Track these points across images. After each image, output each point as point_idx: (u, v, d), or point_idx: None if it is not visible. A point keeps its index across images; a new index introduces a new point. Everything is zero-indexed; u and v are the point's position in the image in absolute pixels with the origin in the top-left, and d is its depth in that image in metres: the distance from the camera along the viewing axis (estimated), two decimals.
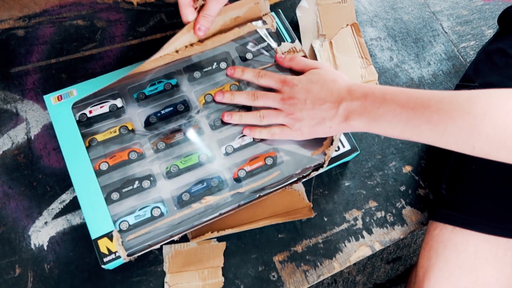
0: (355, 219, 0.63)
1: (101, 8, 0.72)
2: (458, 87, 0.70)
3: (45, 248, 0.58)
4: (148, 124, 0.60)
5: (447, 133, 0.45)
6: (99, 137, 0.58)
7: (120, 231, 0.54)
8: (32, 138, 0.63)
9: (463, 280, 0.55)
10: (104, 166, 0.57)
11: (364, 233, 0.62)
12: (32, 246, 0.58)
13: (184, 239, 0.58)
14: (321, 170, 0.59)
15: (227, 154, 0.59)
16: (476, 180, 0.59)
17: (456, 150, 0.46)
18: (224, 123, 0.60)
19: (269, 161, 0.59)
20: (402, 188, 0.65)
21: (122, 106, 0.60)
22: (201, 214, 0.55)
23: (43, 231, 0.59)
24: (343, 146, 0.61)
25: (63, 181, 0.61)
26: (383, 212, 0.63)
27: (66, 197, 0.60)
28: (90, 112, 0.59)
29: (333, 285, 1.08)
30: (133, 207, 0.55)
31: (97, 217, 0.53)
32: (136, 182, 0.56)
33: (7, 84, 0.66)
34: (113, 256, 0.52)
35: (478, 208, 0.57)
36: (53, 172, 0.61)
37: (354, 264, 0.61)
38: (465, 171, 0.60)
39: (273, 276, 0.59)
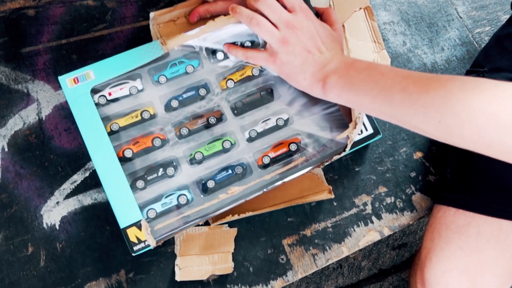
0: (365, 204, 0.63)
1: None
2: (468, 73, 0.69)
3: (57, 227, 0.59)
4: (169, 107, 0.59)
5: (418, 103, 0.43)
6: (121, 122, 0.57)
7: (148, 219, 0.54)
8: (44, 118, 0.63)
9: (464, 260, 0.55)
10: (128, 153, 0.56)
11: (374, 218, 0.62)
12: (44, 225, 0.59)
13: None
14: (343, 153, 0.58)
15: (250, 139, 0.59)
16: (480, 164, 0.59)
17: (420, 125, 0.45)
18: (246, 108, 0.60)
19: (293, 147, 0.58)
20: (413, 174, 0.65)
21: (142, 88, 0.58)
22: (227, 203, 0.55)
23: (54, 211, 0.59)
24: (366, 130, 0.61)
25: (74, 162, 0.61)
26: (392, 198, 0.63)
27: (77, 178, 0.61)
28: (110, 94, 0.57)
29: (339, 269, 1.09)
30: (159, 195, 0.55)
31: (125, 206, 0.53)
32: (161, 170, 0.56)
33: (18, 64, 0.66)
34: (142, 244, 0.52)
35: (481, 191, 0.57)
36: (64, 153, 0.62)
37: (360, 249, 0.61)
38: (470, 156, 0.60)
39: (282, 259, 0.60)
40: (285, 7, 0.55)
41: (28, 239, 0.58)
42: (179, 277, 0.56)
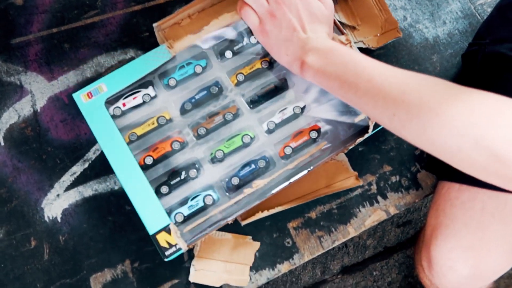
0: (370, 184, 0.62)
1: None
2: (470, 45, 0.68)
3: (59, 220, 0.58)
4: (184, 111, 0.58)
5: (379, 95, 0.45)
6: (138, 131, 0.57)
7: (176, 223, 0.53)
8: (38, 110, 0.62)
9: (470, 237, 0.55)
10: (149, 160, 0.55)
11: (379, 197, 0.61)
12: (46, 219, 0.58)
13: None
14: (366, 135, 0.57)
15: (269, 131, 0.58)
16: None
17: (378, 116, 0.47)
18: (262, 100, 0.59)
19: (314, 135, 0.57)
20: (417, 152, 0.64)
21: (155, 95, 0.58)
22: (254, 198, 0.55)
23: (55, 204, 0.58)
24: None
25: (73, 153, 0.60)
26: (397, 177, 0.63)
27: (76, 169, 0.60)
28: (124, 104, 0.57)
29: (344, 249, 1.09)
30: (185, 198, 0.55)
31: (152, 213, 0.52)
32: (183, 173, 0.55)
33: (9, 56, 0.64)
34: (174, 249, 0.51)
35: None
36: (62, 145, 0.61)
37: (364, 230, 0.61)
38: None
39: (288, 243, 0.59)
40: None
41: (30, 233, 0.57)
42: (193, 278, 0.55)
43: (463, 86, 0.43)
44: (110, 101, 0.57)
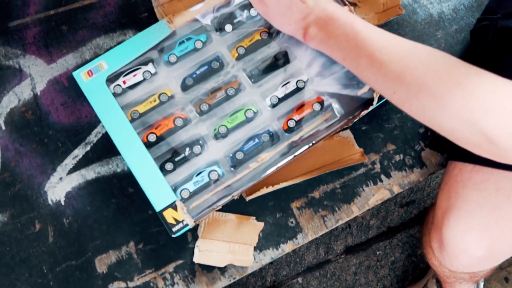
0: (373, 163, 0.61)
1: None
2: (479, 21, 0.66)
3: (63, 203, 0.58)
4: (185, 87, 0.57)
5: (380, 72, 0.46)
6: (140, 109, 0.56)
7: (182, 199, 0.53)
8: (38, 94, 0.61)
9: (484, 218, 0.54)
10: (152, 138, 0.55)
11: (383, 176, 0.61)
12: (50, 202, 0.58)
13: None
14: (371, 108, 0.57)
15: (272, 105, 0.57)
16: None
17: (379, 91, 0.48)
18: (263, 74, 0.58)
19: (317, 107, 0.57)
20: (421, 130, 0.63)
21: (156, 72, 0.57)
22: (258, 172, 0.54)
23: (58, 187, 0.58)
24: None
25: (74, 136, 0.60)
26: (401, 155, 0.62)
27: (78, 152, 0.60)
28: (124, 82, 0.57)
29: (348, 229, 1.09)
30: (190, 174, 0.54)
31: (157, 190, 0.52)
32: (187, 149, 0.55)
33: (6, 39, 0.63)
34: (180, 225, 0.52)
35: None
36: (63, 128, 0.60)
37: (368, 209, 0.61)
38: None
39: (291, 222, 0.59)
40: None
41: (34, 217, 0.58)
42: (197, 259, 0.56)
43: (463, 65, 0.43)
44: (110, 79, 0.56)
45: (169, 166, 0.54)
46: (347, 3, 0.59)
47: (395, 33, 0.66)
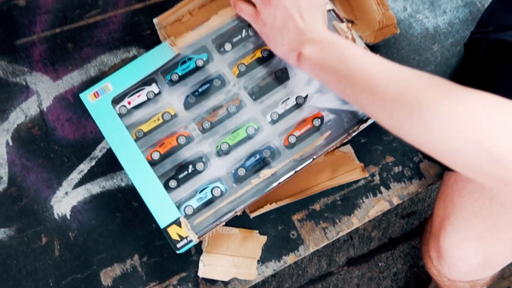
0: (373, 175, 0.62)
1: None
2: (473, 34, 0.68)
3: (68, 217, 0.59)
4: (188, 105, 0.59)
5: (378, 93, 0.44)
6: (144, 128, 0.58)
7: (186, 216, 0.54)
8: (45, 110, 0.63)
9: (480, 226, 0.55)
10: (156, 156, 0.56)
11: (382, 188, 0.62)
12: (56, 216, 0.59)
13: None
14: (369, 122, 0.58)
15: (273, 121, 0.58)
16: None
17: (376, 114, 0.46)
18: (264, 91, 0.59)
19: (317, 122, 0.58)
20: None
21: (159, 92, 0.59)
22: (261, 188, 0.55)
23: (64, 201, 0.60)
24: None
25: (80, 151, 0.61)
26: (400, 167, 0.63)
27: (83, 167, 0.61)
28: (129, 103, 0.58)
29: (349, 241, 1.10)
30: (193, 191, 0.56)
31: (162, 207, 0.53)
32: (190, 166, 0.56)
33: (14, 57, 0.65)
34: (185, 241, 0.53)
35: None
36: (69, 143, 0.62)
37: (370, 220, 0.62)
38: None
39: (293, 235, 0.60)
40: None
41: (41, 230, 0.59)
42: (202, 273, 0.56)
43: (465, 87, 0.41)
44: (115, 100, 0.58)
45: (173, 183, 0.56)
46: (344, 20, 0.60)
47: (392, 47, 0.68)
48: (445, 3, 0.71)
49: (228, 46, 0.61)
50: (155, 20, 0.62)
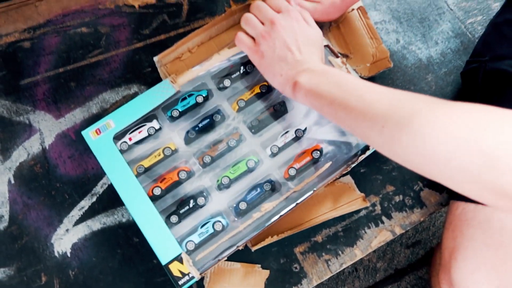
0: (374, 205, 0.62)
1: (104, 13, 0.72)
2: (468, 63, 0.69)
3: (69, 255, 0.59)
4: (188, 140, 0.60)
5: (369, 109, 0.44)
6: (145, 163, 0.58)
7: (188, 251, 0.54)
8: (47, 147, 0.64)
9: (491, 257, 0.54)
10: (157, 191, 0.57)
11: (384, 218, 0.62)
12: (56, 254, 0.59)
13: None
14: (368, 153, 0.59)
15: (273, 154, 0.59)
16: None
17: (367, 131, 0.45)
18: (263, 125, 0.60)
19: (316, 154, 0.59)
20: None
21: (160, 127, 0.60)
22: (262, 222, 0.55)
23: (65, 239, 0.59)
24: None
25: (81, 188, 0.62)
26: (401, 196, 0.63)
27: (84, 204, 0.61)
28: (130, 139, 0.59)
29: (354, 273, 1.08)
30: (195, 226, 0.56)
31: (163, 243, 0.53)
32: (191, 201, 0.56)
33: (18, 96, 0.67)
34: (187, 278, 0.52)
35: None
36: (70, 180, 0.62)
37: (374, 251, 0.61)
38: None
39: (296, 268, 0.59)
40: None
41: (40, 269, 0.58)
42: None
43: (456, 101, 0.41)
44: (117, 136, 0.59)
45: (174, 218, 0.55)
46: (339, 55, 0.62)
47: (387, 78, 0.70)
48: (437, 35, 0.73)
49: (227, 82, 0.62)
50: (155, 58, 0.64)
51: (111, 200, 0.61)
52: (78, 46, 0.70)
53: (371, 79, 0.68)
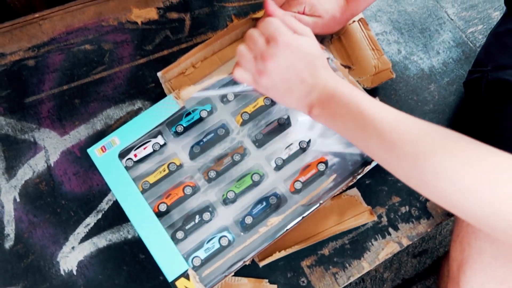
0: (380, 216, 0.62)
1: (107, 30, 0.72)
2: (471, 73, 0.69)
3: (75, 273, 0.58)
4: (193, 155, 0.60)
5: (393, 153, 0.44)
6: (151, 179, 0.58)
7: (194, 267, 0.54)
8: (52, 165, 0.64)
9: (501, 270, 0.53)
10: (163, 207, 0.57)
11: (390, 229, 0.61)
12: (62, 272, 0.58)
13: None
14: (374, 163, 0.58)
15: (278, 167, 0.59)
16: None
17: (393, 169, 0.46)
18: (267, 138, 0.60)
19: (322, 167, 0.58)
20: None
21: (165, 143, 0.60)
22: (269, 236, 0.55)
23: (71, 256, 0.59)
24: None
25: (86, 205, 0.62)
26: (407, 207, 0.63)
27: (90, 221, 0.61)
28: (135, 155, 0.59)
29: (361, 284, 1.07)
30: (201, 241, 0.55)
31: (170, 260, 0.53)
32: (197, 217, 0.56)
33: (22, 114, 0.67)
34: None
35: None
36: (76, 197, 0.62)
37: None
38: None
39: (303, 282, 0.59)
40: None
41: None
42: None
43: (469, 138, 0.42)
44: (122, 153, 0.59)
45: (180, 234, 0.55)
46: (342, 66, 0.62)
47: (390, 88, 0.70)
48: (438, 44, 0.74)
49: (231, 96, 0.62)
50: (159, 74, 0.64)
51: (116, 216, 0.61)
52: (82, 63, 0.70)
53: (374, 90, 0.68)
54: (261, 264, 0.57)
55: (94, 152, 0.58)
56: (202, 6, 0.75)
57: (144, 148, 0.59)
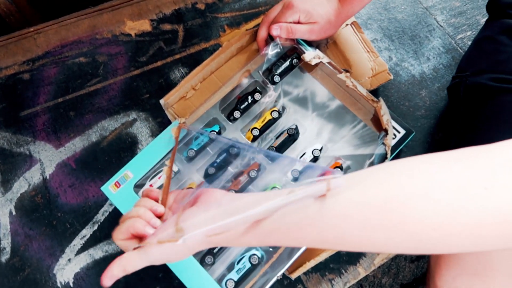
0: None
1: (101, 43, 0.73)
2: (453, 78, 0.71)
3: (71, 285, 0.58)
4: (209, 177, 0.58)
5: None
6: None
7: None
8: (48, 177, 0.64)
9: (473, 263, 0.54)
10: None
11: None
12: (59, 285, 0.58)
13: None
14: (386, 161, 0.59)
15: (295, 179, 0.58)
16: None
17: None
18: (279, 151, 0.60)
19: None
20: None
21: (178, 170, 0.59)
22: (296, 248, 0.54)
23: (67, 268, 0.59)
24: (398, 132, 0.61)
25: (82, 217, 0.62)
26: None
27: (86, 232, 0.61)
28: (151, 186, 0.58)
29: None
30: (230, 263, 0.54)
31: (202, 286, 0.51)
32: None
33: (18, 128, 0.67)
34: None
35: None
36: (71, 209, 0.62)
37: (379, 266, 0.60)
38: None
39: None
40: None
41: None
42: None
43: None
44: (138, 185, 0.57)
45: (209, 259, 0.54)
46: (342, 70, 0.63)
47: (381, 95, 0.71)
48: (428, 51, 0.75)
49: (237, 114, 0.62)
50: (161, 101, 0.63)
51: (112, 227, 0.61)
52: (77, 75, 0.71)
53: (373, 92, 0.69)
54: (293, 276, 0.57)
55: (108, 189, 0.56)
56: (195, 17, 0.76)
57: (159, 178, 0.58)
